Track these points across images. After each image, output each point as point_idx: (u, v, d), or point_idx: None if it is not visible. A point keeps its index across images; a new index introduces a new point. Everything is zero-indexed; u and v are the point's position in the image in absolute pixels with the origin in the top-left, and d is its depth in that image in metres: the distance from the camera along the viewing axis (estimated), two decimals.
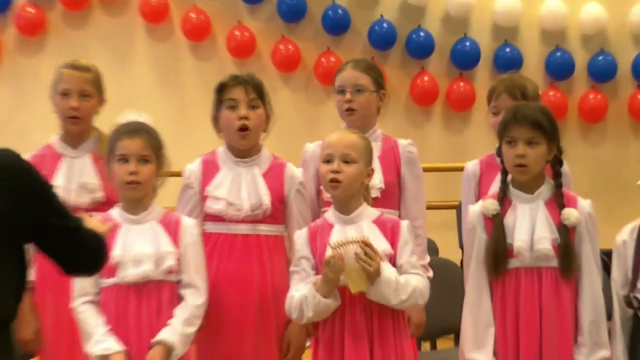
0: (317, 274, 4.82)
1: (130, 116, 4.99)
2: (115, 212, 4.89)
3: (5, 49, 10.60)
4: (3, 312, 3.03)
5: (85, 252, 3.25)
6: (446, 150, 10.13)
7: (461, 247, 6.37)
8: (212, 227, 5.17)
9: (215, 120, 5.34)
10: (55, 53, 9.67)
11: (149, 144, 4.89)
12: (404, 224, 4.92)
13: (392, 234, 4.85)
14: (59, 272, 3.69)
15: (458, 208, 7.26)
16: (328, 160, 4.84)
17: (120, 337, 4.77)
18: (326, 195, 5.26)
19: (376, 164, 5.15)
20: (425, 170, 5.80)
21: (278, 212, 5.29)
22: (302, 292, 4.77)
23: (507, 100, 5.54)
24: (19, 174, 3.00)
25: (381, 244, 4.78)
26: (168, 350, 4.71)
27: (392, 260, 4.78)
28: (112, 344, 4.69)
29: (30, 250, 3.18)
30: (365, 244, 4.59)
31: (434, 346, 6.78)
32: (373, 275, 4.59)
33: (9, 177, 2.95)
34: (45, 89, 5.74)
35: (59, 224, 3.10)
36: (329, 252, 4.62)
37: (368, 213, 4.91)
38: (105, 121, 5.41)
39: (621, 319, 4.98)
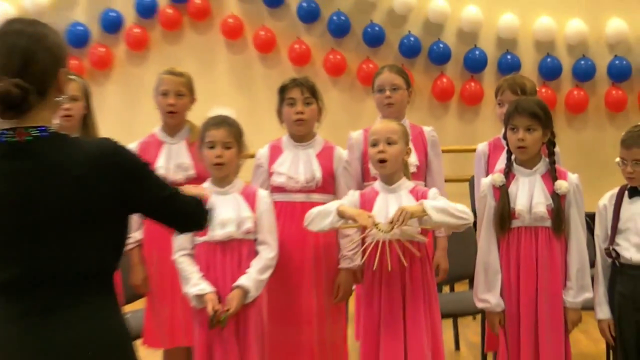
0: (361, 231, 4.85)
1: (218, 110, 5.01)
2: (207, 185, 4.89)
3: (117, 60, 10.64)
4: (109, 265, 3.02)
5: (184, 215, 3.19)
6: (460, 136, 10.08)
7: (473, 211, 6.32)
8: (276, 197, 5.17)
9: (279, 114, 5.38)
10: (156, 63, 9.66)
11: (231, 133, 4.92)
12: (432, 190, 4.91)
13: (422, 199, 4.82)
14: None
15: (470, 181, 7.29)
16: (375, 144, 4.86)
17: (210, 283, 4.80)
18: (373, 171, 5.23)
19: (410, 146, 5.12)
20: (444, 151, 5.79)
21: (328, 184, 5.29)
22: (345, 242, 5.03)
23: (510, 95, 5.55)
24: (117, 158, 2.94)
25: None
26: (244, 292, 4.74)
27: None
28: (205, 286, 4.74)
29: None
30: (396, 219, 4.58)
31: (452, 289, 6.73)
32: (420, 215, 4.64)
33: (108, 161, 2.90)
34: (148, 91, 5.79)
35: (157, 194, 3.06)
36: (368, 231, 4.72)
37: (406, 185, 4.92)
38: (196, 115, 5.44)
39: (602, 267, 4.98)
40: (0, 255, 2.88)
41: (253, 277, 4.81)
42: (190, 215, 3.22)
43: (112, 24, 10.56)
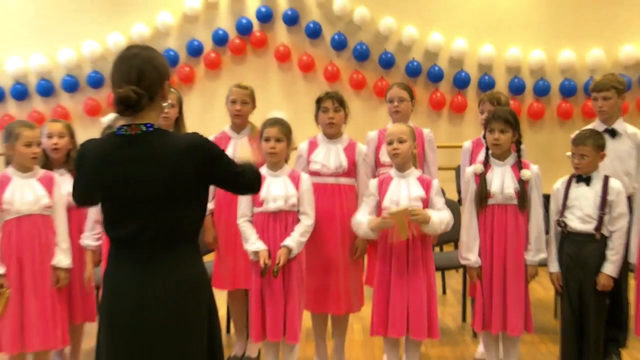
0: (377, 207, 4.88)
1: (274, 113, 5.00)
2: (263, 170, 4.85)
3: (198, 77, 10.65)
4: (195, 226, 3.17)
5: (247, 186, 3.39)
6: (449, 136, 10.03)
7: (458, 192, 6.31)
8: (313, 179, 5.09)
9: (316, 118, 5.35)
10: (226, 79, 9.65)
11: (282, 130, 4.89)
12: (435, 182, 4.93)
13: (426, 187, 4.85)
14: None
15: (456, 169, 7.24)
16: (390, 143, 4.85)
17: (263, 242, 4.79)
18: (386, 161, 5.25)
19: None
20: (437, 147, 5.74)
21: (351, 170, 5.27)
22: (360, 219, 4.90)
23: (489, 106, 5.52)
24: (202, 146, 3.11)
25: (419, 191, 4.84)
26: (289, 250, 4.74)
27: (425, 202, 4.81)
28: (260, 245, 4.76)
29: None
30: (412, 211, 4.67)
31: (441, 249, 6.67)
32: (424, 221, 4.70)
33: (196, 149, 3.06)
34: (220, 100, 5.88)
35: (229, 172, 3.22)
36: (385, 213, 4.77)
37: (414, 173, 4.91)
38: (256, 118, 5.46)
39: (554, 234, 4.95)
40: (121, 218, 3.06)
41: (296, 239, 4.80)
42: (250, 185, 3.39)
43: (194, 50, 10.54)
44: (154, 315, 3.02)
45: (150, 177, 3.02)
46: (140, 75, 3.03)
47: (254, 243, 4.80)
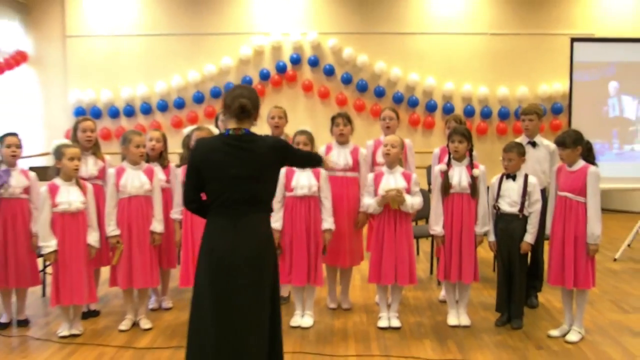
0: (375, 194, 4.82)
1: (302, 127, 4.97)
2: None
3: None
4: (270, 197, 3.26)
5: (310, 161, 3.59)
6: (422, 144, 9.97)
7: (429, 184, 6.25)
8: (328, 173, 5.01)
9: (331, 131, 5.27)
10: (268, 103, 9.52)
11: (308, 138, 4.85)
12: (414, 176, 4.89)
13: (408, 179, 4.82)
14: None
15: (428, 168, 7.15)
16: (385, 145, 4.83)
17: (293, 219, 4.79)
18: (380, 161, 5.18)
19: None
20: (415, 152, 5.69)
21: (356, 168, 5.19)
22: (368, 202, 4.85)
23: (453, 123, 5.46)
24: (280, 142, 3.30)
25: (403, 182, 4.80)
26: (331, 231, 4.88)
27: (407, 190, 4.77)
28: (278, 225, 4.81)
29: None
30: (398, 191, 4.67)
31: (416, 223, 6.63)
32: (402, 202, 4.69)
33: (276, 146, 3.22)
34: (263, 118, 5.66)
35: (298, 156, 3.48)
36: (382, 192, 4.74)
37: (399, 170, 4.86)
38: (289, 130, 5.38)
39: (491, 214, 4.88)
40: (224, 190, 3.09)
41: (330, 220, 4.87)
42: (313, 162, 3.59)
43: (246, 83, 10.47)
44: (242, 252, 3.07)
45: (248, 162, 3.10)
46: (251, 95, 3.21)
47: (276, 221, 4.79)
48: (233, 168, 3.08)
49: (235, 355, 3.05)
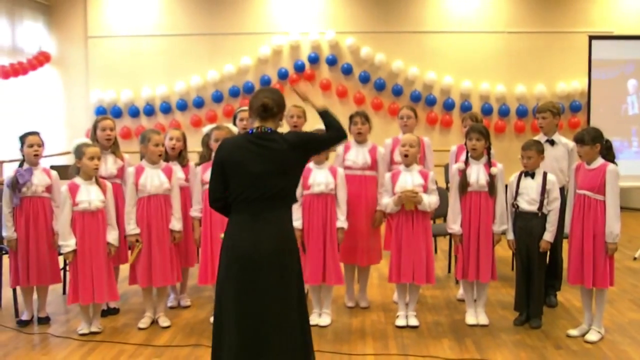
0: (393, 193, 4.76)
1: (319, 126, 4.80)
2: (311, 164, 4.81)
3: None
4: (292, 193, 3.21)
5: (332, 138, 3.36)
6: (440, 143, 9.85)
7: (446, 182, 6.21)
8: (346, 172, 5.00)
9: (349, 129, 5.16)
10: (287, 102, 9.59)
11: None
12: (431, 173, 4.84)
13: (425, 177, 4.75)
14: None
15: (445, 166, 7.09)
16: (403, 145, 4.77)
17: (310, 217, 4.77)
18: (397, 160, 5.11)
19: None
20: (433, 150, 5.63)
21: (374, 166, 5.13)
22: (386, 201, 4.80)
23: (470, 121, 5.40)
24: (304, 140, 3.23)
25: (420, 180, 4.74)
26: (343, 229, 4.83)
27: (424, 188, 4.72)
28: (298, 224, 4.74)
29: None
30: (414, 192, 4.62)
31: (434, 222, 6.55)
32: (418, 202, 4.63)
33: (301, 143, 3.18)
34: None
35: (319, 143, 3.32)
36: (398, 192, 4.69)
37: (416, 168, 4.81)
38: (307, 129, 5.33)
39: (510, 213, 4.79)
40: (247, 186, 3.06)
41: (343, 219, 4.82)
42: (336, 136, 3.35)
43: (265, 83, 10.46)
44: (264, 248, 3.04)
45: (270, 159, 3.07)
46: (275, 94, 3.21)
47: (296, 220, 4.68)
48: (256, 165, 3.05)
49: (258, 352, 3.01)
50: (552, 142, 5.30)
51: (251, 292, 3.02)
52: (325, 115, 3.32)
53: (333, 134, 3.32)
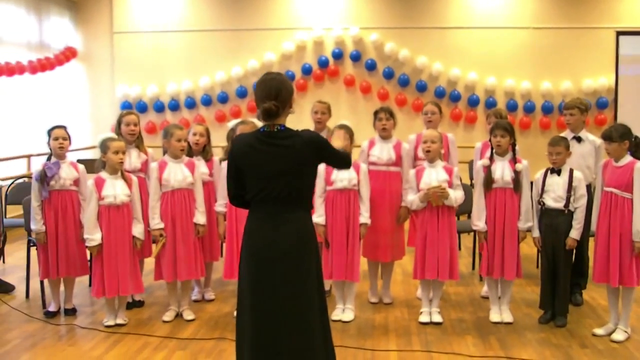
0: (417, 190, 4.76)
1: (342, 121, 4.86)
2: None
3: None
4: (309, 193, 3.19)
5: (344, 161, 3.32)
6: (464, 139, 9.76)
7: (471, 178, 6.17)
8: (371, 167, 5.01)
9: (374, 125, 5.19)
10: (311, 98, 9.58)
11: (347, 132, 4.71)
12: (455, 169, 4.82)
13: (449, 173, 4.73)
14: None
15: (469, 163, 7.03)
16: (425, 142, 4.75)
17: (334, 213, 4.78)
18: (422, 156, 5.05)
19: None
20: (457, 147, 5.60)
21: (398, 162, 5.10)
22: (411, 198, 4.80)
23: (494, 118, 5.37)
24: (316, 138, 3.14)
25: (445, 176, 4.72)
26: (366, 225, 4.84)
27: (449, 183, 4.70)
28: (322, 220, 4.78)
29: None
30: (441, 188, 4.60)
31: (458, 218, 6.49)
32: (445, 197, 4.62)
33: (312, 141, 3.10)
34: (307, 112, 5.73)
35: (333, 153, 3.22)
36: (424, 188, 4.68)
37: (440, 164, 4.80)
38: (331, 124, 5.33)
39: (536, 210, 4.76)
40: (263, 186, 3.05)
41: (367, 215, 4.82)
42: (345, 162, 3.34)
43: (289, 78, 10.37)
44: (284, 246, 3.02)
45: (284, 158, 3.03)
46: (278, 93, 3.06)
47: (320, 216, 4.78)
48: (268, 164, 3.03)
49: (274, 351, 3.00)
50: (579, 139, 5.25)
51: (267, 290, 3.01)
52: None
53: (346, 157, 3.33)
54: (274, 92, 3.05)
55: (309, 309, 3.07)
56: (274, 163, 3.02)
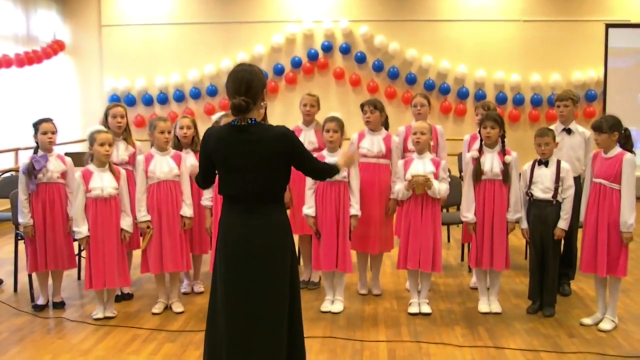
0: (405, 181, 4.75)
1: (333, 114, 4.88)
2: (324, 152, 4.83)
3: (280, 89, 10.54)
4: (281, 189, 3.11)
5: (318, 172, 3.31)
6: (453, 132, 9.80)
7: (460, 171, 6.18)
8: (360, 160, 4.98)
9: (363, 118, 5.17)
10: (299, 91, 9.60)
11: (338, 124, 4.80)
12: (443, 162, 4.85)
13: (437, 165, 4.74)
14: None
15: (458, 155, 7.05)
16: (415, 134, 4.77)
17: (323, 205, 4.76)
18: (411, 148, 5.08)
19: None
20: (446, 139, 5.60)
21: (388, 154, 5.10)
22: (398, 188, 4.79)
23: (483, 110, 5.36)
24: (288, 135, 3.07)
25: (432, 168, 4.73)
26: (357, 217, 4.84)
27: (435, 175, 4.70)
28: (312, 211, 4.81)
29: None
30: (426, 177, 4.60)
31: (447, 210, 6.53)
32: (430, 187, 4.62)
33: (285, 138, 3.04)
34: (296, 105, 5.72)
35: (306, 158, 3.16)
36: (409, 177, 4.68)
37: (429, 155, 4.81)
38: (320, 117, 5.32)
39: (524, 201, 4.79)
40: (233, 181, 3.03)
41: (357, 207, 4.82)
42: (321, 172, 3.31)
43: (278, 71, 10.48)
44: (255, 242, 2.99)
45: (252, 152, 2.98)
46: (248, 87, 2.99)
47: (310, 207, 4.80)
48: (237, 158, 2.99)
49: (246, 345, 2.98)
50: (568, 131, 5.28)
51: (240, 286, 2.99)
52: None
53: (327, 170, 3.30)
54: (244, 86, 2.99)
55: (282, 306, 3.05)
56: (243, 156, 2.98)
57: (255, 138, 2.99)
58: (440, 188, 4.68)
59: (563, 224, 4.67)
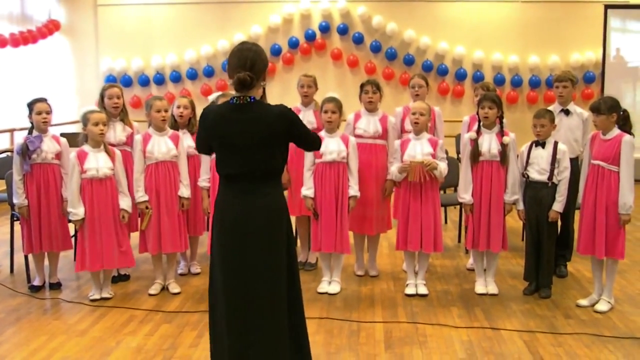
0: (401, 161, 4.74)
1: (330, 94, 4.84)
2: (323, 133, 4.82)
3: (277, 70, 10.50)
4: (279, 169, 3.08)
5: (314, 143, 3.24)
6: (451, 113, 9.81)
7: (457, 152, 6.15)
8: (357, 140, 4.94)
9: (360, 98, 5.16)
10: (297, 71, 9.56)
11: (336, 105, 4.75)
12: (440, 142, 4.80)
13: (434, 145, 4.72)
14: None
15: (456, 137, 7.03)
16: (414, 114, 4.73)
17: (322, 186, 4.76)
18: (408, 129, 5.06)
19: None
20: (444, 120, 5.58)
21: (384, 135, 5.08)
22: (393, 169, 4.80)
23: (481, 91, 5.32)
24: (288, 113, 3.03)
25: (429, 148, 4.72)
26: (355, 197, 4.81)
27: (433, 156, 4.69)
28: (310, 192, 4.79)
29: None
30: (426, 162, 4.60)
31: (445, 192, 6.51)
32: (435, 168, 4.63)
33: (284, 116, 3.00)
34: (293, 86, 5.65)
35: (303, 132, 3.12)
36: (407, 161, 4.68)
37: (426, 136, 4.78)
38: (318, 97, 5.29)
39: (520, 182, 4.76)
40: (230, 160, 2.99)
41: (356, 187, 4.79)
42: (315, 145, 3.26)
43: (276, 51, 10.44)
44: (252, 221, 2.95)
45: (251, 131, 2.93)
46: (253, 64, 2.97)
47: (309, 188, 4.78)
48: (237, 136, 2.94)
49: (244, 326, 2.96)
50: (567, 112, 5.25)
51: (238, 265, 2.96)
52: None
53: (316, 139, 3.26)
54: (249, 62, 2.97)
55: (280, 286, 3.01)
56: (242, 135, 2.94)
57: (255, 116, 2.95)
58: (441, 168, 4.67)
59: (558, 206, 4.65)
